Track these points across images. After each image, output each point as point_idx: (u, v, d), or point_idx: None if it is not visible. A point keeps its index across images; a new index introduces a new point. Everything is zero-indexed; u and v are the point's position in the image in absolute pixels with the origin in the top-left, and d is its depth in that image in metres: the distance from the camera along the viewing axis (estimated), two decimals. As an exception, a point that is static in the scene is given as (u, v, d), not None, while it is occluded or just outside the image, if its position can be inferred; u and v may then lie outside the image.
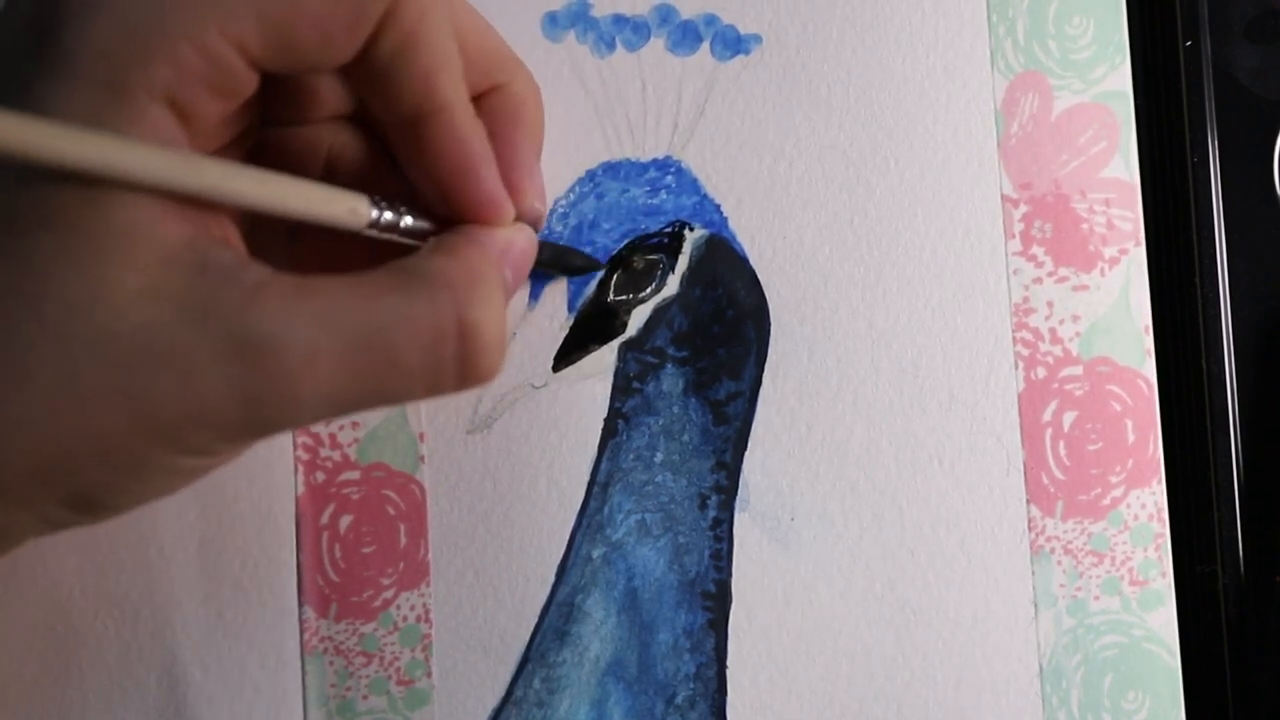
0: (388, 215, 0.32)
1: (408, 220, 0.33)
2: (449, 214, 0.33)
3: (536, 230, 0.35)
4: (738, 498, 0.41)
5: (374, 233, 0.32)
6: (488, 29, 0.35)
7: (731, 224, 0.41)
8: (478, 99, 0.35)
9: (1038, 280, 0.41)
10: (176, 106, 0.29)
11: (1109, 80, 0.41)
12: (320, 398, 0.29)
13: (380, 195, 0.32)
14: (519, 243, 0.34)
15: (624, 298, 0.41)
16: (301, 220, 0.31)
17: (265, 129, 0.34)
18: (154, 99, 0.28)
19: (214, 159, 0.30)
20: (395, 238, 0.33)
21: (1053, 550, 0.41)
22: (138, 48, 0.28)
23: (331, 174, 0.34)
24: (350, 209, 0.31)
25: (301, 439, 0.40)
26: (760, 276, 0.41)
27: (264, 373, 0.28)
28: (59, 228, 0.28)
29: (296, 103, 0.34)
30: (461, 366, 0.31)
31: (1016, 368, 0.41)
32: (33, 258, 0.28)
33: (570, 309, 0.41)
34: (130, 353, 0.28)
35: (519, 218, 0.34)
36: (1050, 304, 0.41)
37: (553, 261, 0.40)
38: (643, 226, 0.41)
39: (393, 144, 0.34)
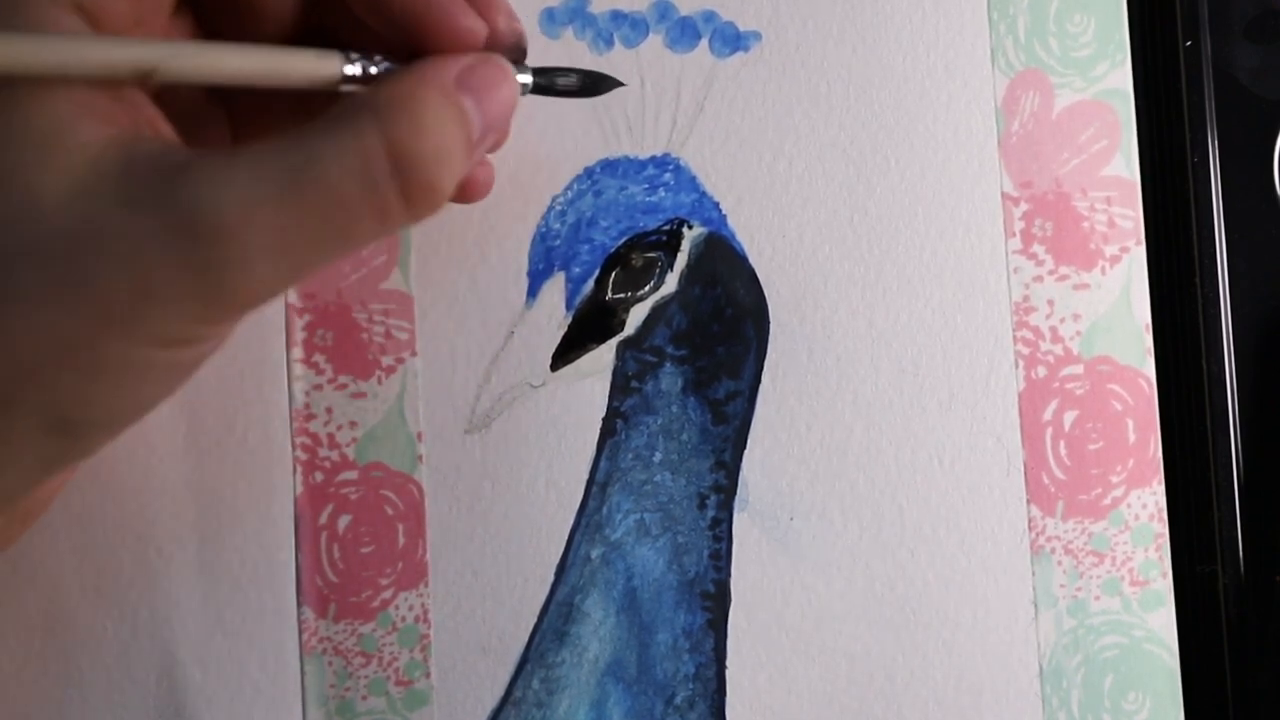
0: (358, 68, 0.32)
1: (384, 67, 0.32)
2: (419, 52, 0.32)
3: (519, 58, 0.34)
4: (737, 497, 0.41)
5: (353, 88, 0.32)
6: None
7: (730, 222, 0.41)
8: None
9: (1038, 279, 0.41)
10: (83, 9, 0.29)
11: (1110, 78, 0.41)
12: (267, 250, 0.29)
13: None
14: (481, 69, 0.32)
15: (622, 296, 0.41)
16: (270, 86, 0.30)
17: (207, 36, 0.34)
18: (58, 3, 0.28)
19: (163, 41, 0.30)
20: None
21: (1053, 550, 0.41)
22: None
23: None
24: (321, 66, 0.31)
25: (300, 439, 0.40)
26: (759, 275, 0.41)
27: (203, 238, 0.28)
28: None
29: (232, 11, 0.34)
30: (401, 188, 0.30)
31: (1017, 367, 0.41)
32: None
33: (568, 307, 0.41)
34: (68, 249, 0.28)
35: (496, 46, 0.33)
36: (1051, 303, 0.41)
37: (551, 85, 0.37)
38: (641, 224, 0.41)
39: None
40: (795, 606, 0.40)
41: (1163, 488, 0.41)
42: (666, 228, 0.41)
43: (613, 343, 0.41)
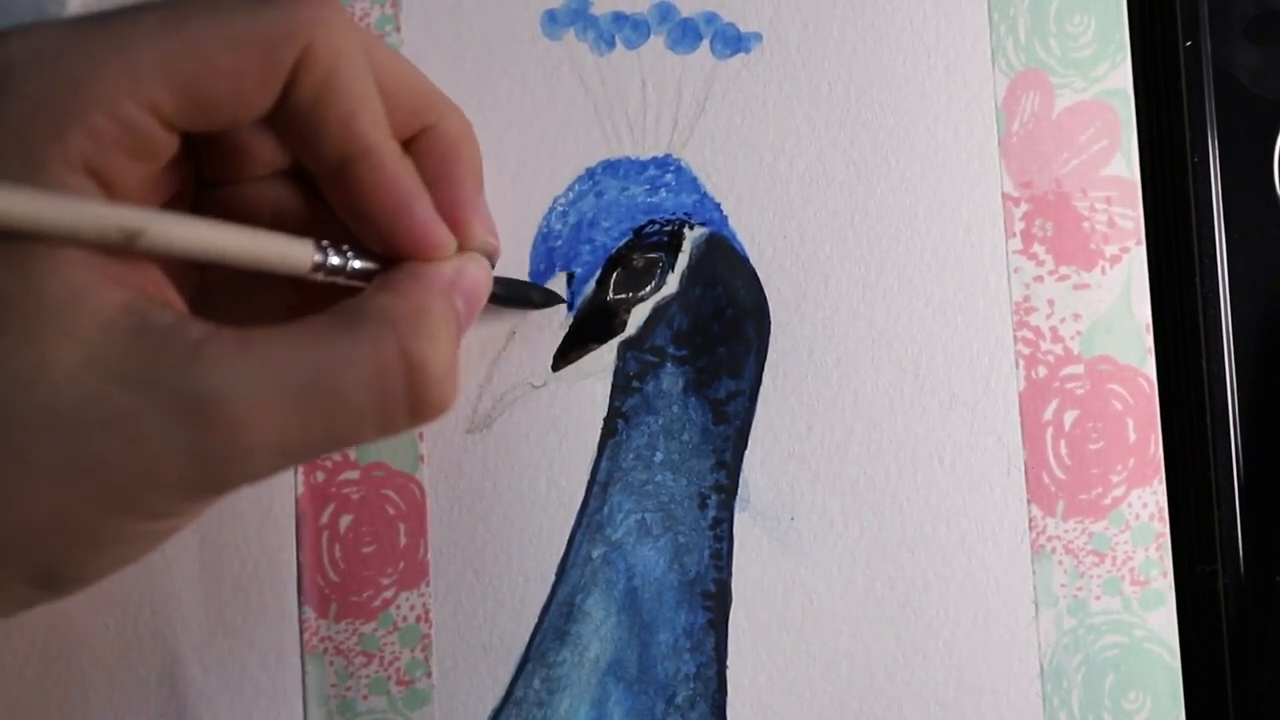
0: (334, 259, 0.32)
1: (355, 264, 0.32)
2: (392, 254, 0.33)
3: (492, 263, 0.35)
4: (738, 497, 0.41)
5: (321, 277, 0.32)
6: (411, 70, 0.35)
7: (731, 222, 0.41)
8: (409, 142, 0.35)
9: (1039, 279, 0.41)
10: (96, 174, 0.29)
11: (1110, 78, 0.41)
12: (270, 448, 0.29)
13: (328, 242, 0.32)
14: (469, 271, 0.33)
15: (623, 296, 0.41)
16: (245, 268, 0.31)
17: (205, 191, 0.34)
18: (72, 169, 0.28)
19: (152, 209, 0.30)
20: (345, 281, 0.33)
21: (1053, 550, 0.41)
22: (49, 122, 0.28)
23: (278, 229, 0.34)
24: (293, 253, 0.31)
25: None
26: (760, 275, 0.41)
27: (211, 430, 0.28)
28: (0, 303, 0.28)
29: (230, 161, 0.34)
30: (411, 402, 0.30)
31: (1017, 366, 0.41)
32: None
33: (570, 308, 0.41)
34: (77, 425, 0.28)
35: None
36: (1051, 302, 0.41)
37: (509, 296, 0.39)
38: (642, 225, 0.41)
39: (327, 193, 0.33)
40: (796, 606, 0.40)
41: (1163, 487, 0.41)
42: (668, 228, 0.41)
43: (614, 343, 0.41)
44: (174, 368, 0.28)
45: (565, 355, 0.41)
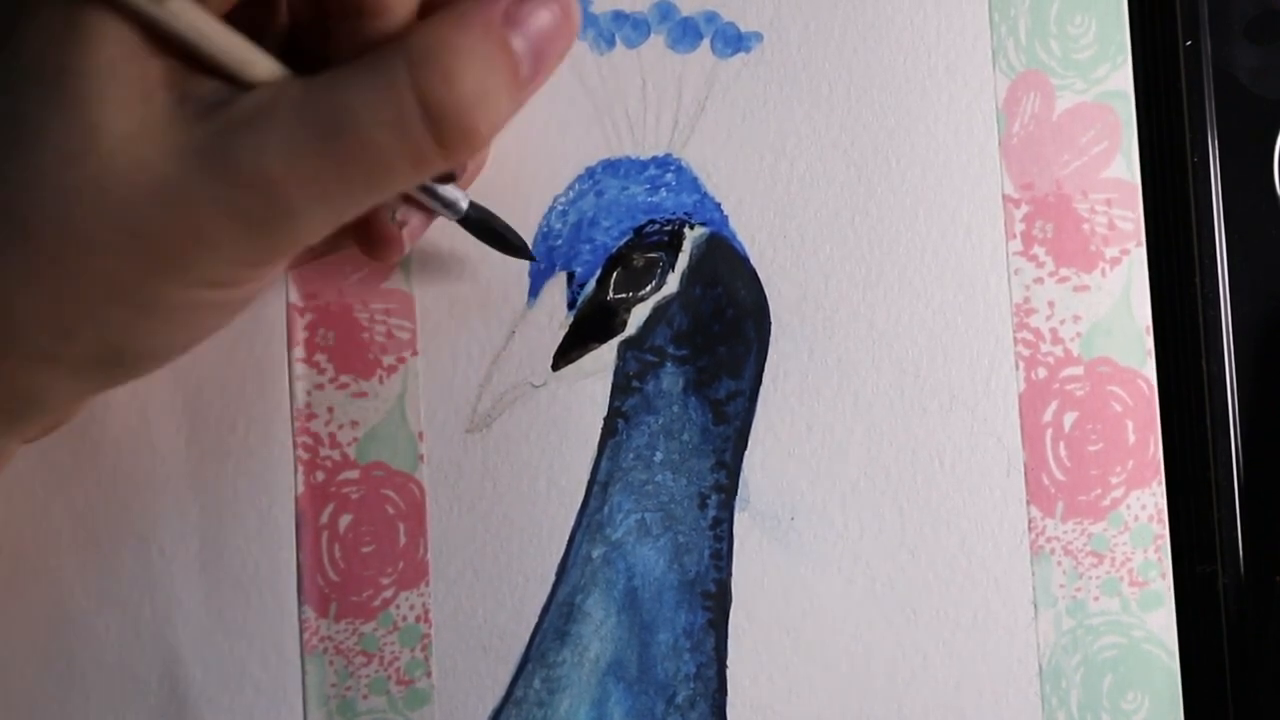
0: None
1: None
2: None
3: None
4: (738, 497, 0.41)
5: None
6: None
7: (732, 222, 0.41)
8: None
9: (1039, 280, 0.41)
10: None
11: (1111, 80, 0.41)
12: (311, 198, 0.30)
13: None
14: (536, 12, 0.32)
15: (624, 296, 0.41)
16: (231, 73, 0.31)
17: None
18: None
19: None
20: None
21: (1053, 551, 0.41)
22: None
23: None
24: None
25: (301, 439, 0.40)
26: (760, 275, 0.41)
27: (249, 187, 0.29)
28: (45, 76, 0.29)
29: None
30: (437, 137, 0.30)
31: (1017, 368, 0.41)
32: (24, 112, 0.29)
33: (570, 307, 0.41)
34: (127, 194, 0.29)
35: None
36: (1051, 304, 0.41)
37: (486, 229, 0.38)
38: (642, 224, 0.41)
39: None
40: (796, 606, 0.40)
41: (1163, 489, 0.41)
42: (668, 228, 0.41)
43: (614, 342, 0.41)
44: (212, 132, 0.29)
45: (565, 355, 0.41)
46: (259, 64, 0.31)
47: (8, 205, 0.29)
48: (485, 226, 0.38)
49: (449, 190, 0.36)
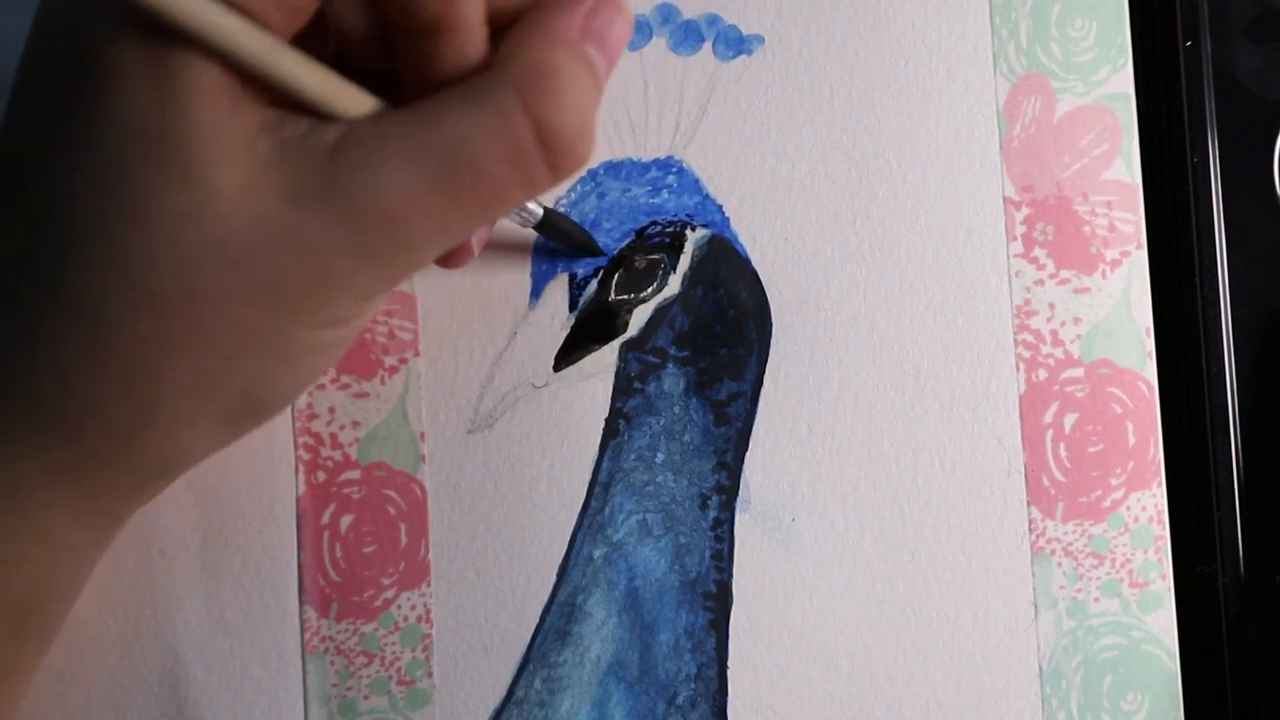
0: None
1: None
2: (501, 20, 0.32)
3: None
4: (739, 498, 0.41)
5: None
6: None
7: (733, 224, 0.41)
8: None
9: (1039, 282, 0.41)
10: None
11: (1111, 83, 0.41)
12: (429, 230, 0.30)
13: None
14: (600, 13, 0.32)
15: (625, 297, 0.41)
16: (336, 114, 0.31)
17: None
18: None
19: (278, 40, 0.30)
20: None
21: (1053, 552, 0.41)
22: None
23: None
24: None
25: (303, 439, 0.40)
26: (762, 277, 0.41)
27: (371, 227, 0.29)
28: (150, 141, 0.29)
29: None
30: (550, 161, 0.30)
31: (1018, 370, 0.41)
32: (137, 181, 0.29)
33: (572, 308, 0.41)
34: (247, 248, 0.29)
35: None
36: (1052, 306, 0.41)
37: (558, 230, 0.39)
38: (644, 226, 0.41)
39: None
40: (797, 607, 0.41)
41: (1163, 490, 0.41)
42: (670, 229, 0.41)
43: (616, 344, 0.41)
44: (323, 175, 0.29)
45: (567, 356, 0.41)
46: (352, 98, 0.31)
47: (132, 274, 0.29)
48: (558, 228, 0.39)
49: (530, 202, 0.37)
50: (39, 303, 0.30)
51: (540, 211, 0.37)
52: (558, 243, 0.40)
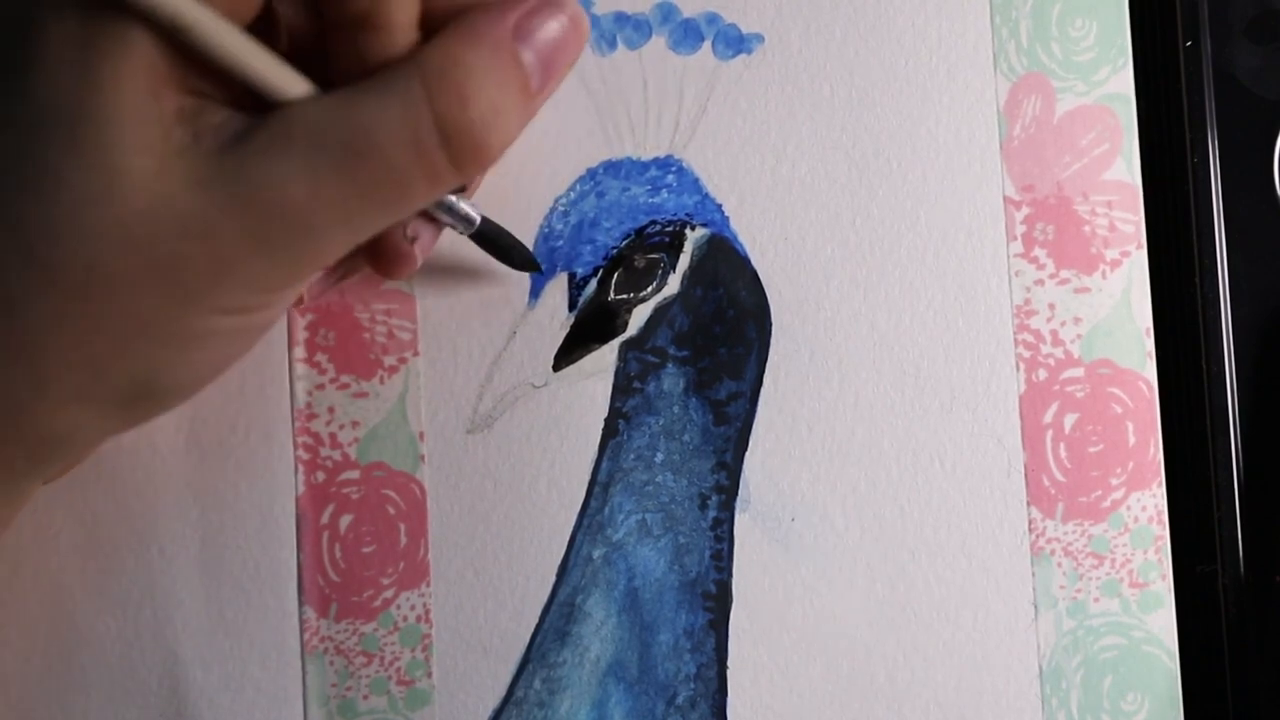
0: None
1: None
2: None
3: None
4: (738, 498, 0.41)
5: None
6: None
7: (733, 223, 0.41)
8: None
9: (1039, 282, 0.41)
10: None
11: (1112, 82, 0.41)
12: (332, 220, 0.30)
13: None
14: (543, 22, 0.32)
15: (625, 297, 0.41)
16: (264, 92, 0.31)
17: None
18: None
19: (204, 8, 0.30)
20: None
21: (1053, 552, 0.41)
22: None
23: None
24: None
25: (302, 439, 0.40)
26: (761, 276, 0.41)
27: (271, 213, 0.30)
28: (63, 120, 0.29)
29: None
30: (451, 155, 0.31)
31: (1018, 369, 0.41)
32: (46, 156, 0.29)
33: (571, 308, 0.41)
34: (151, 229, 0.29)
35: None
36: (1052, 306, 0.41)
37: (494, 242, 0.39)
38: (643, 225, 0.41)
39: None
40: (796, 607, 0.41)
41: (1163, 490, 0.41)
42: (669, 229, 0.41)
43: (615, 343, 0.41)
44: (229, 163, 0.29)
45: (566, 355, 0.41)
46: (291, 81, 0.31)
47: (33, 250, 0.29)
48: (494, 240, 0.38)
49: (463, 206, 0.36)
50: None
51: (477, 220, 0.37)
52: (494, 256, 0.39)
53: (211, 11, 0.29)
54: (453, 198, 0.36)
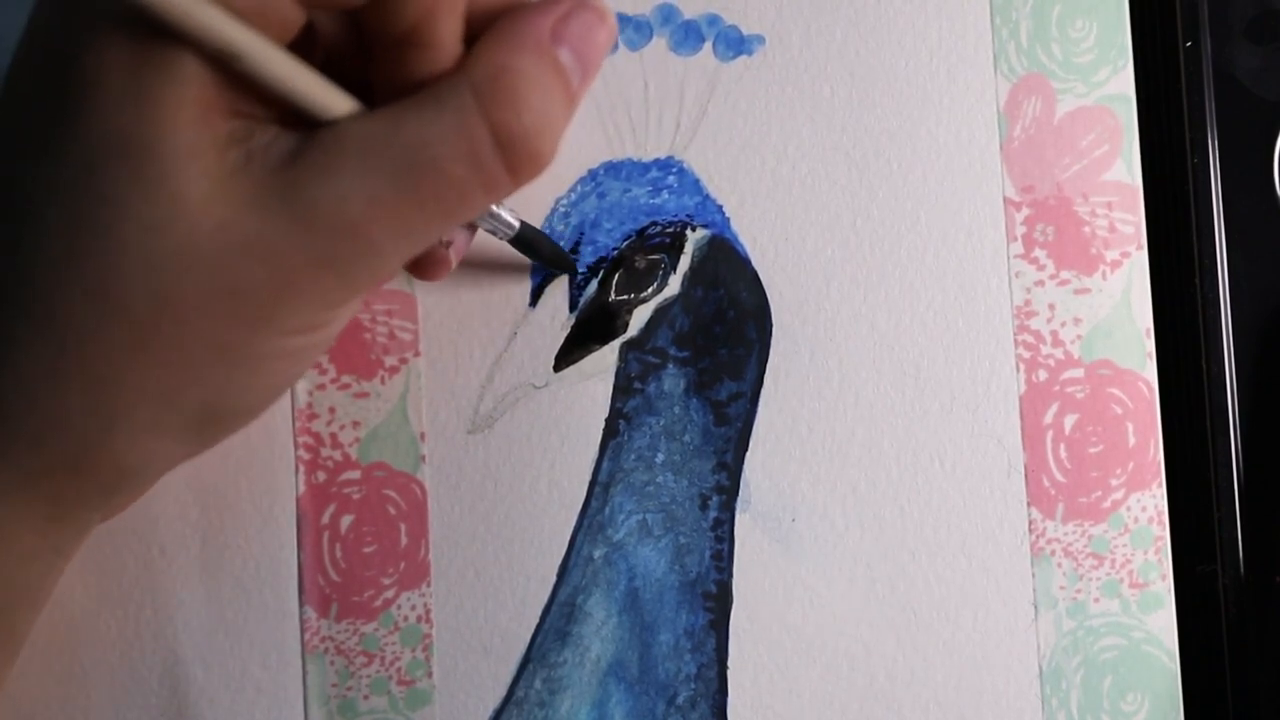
0: None
1: None
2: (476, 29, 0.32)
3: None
4: (739, 498, 0.41)
5: None
6: None
7: (733, 224, 0.41)
8: None
9: (1039, 283, 0.41)
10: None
11: (1112, 83, 0.41)
12: (392, 235, 0.30)
13: None
14: (576, 18, 0.32)
15: (625, 297, 0.41)
16: (316, 116, 0.31)
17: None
18: None
19: (257, 36, 0.30)
20: None
21: (1053, 552, 0.41)
22: None
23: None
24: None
25: (303, 439, 0.40)
26: (762, 277, 0.41)
27: (333, 231, 0.29)
28: (120, 151, 0.29)
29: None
30: (508, 164, 0.31)
31: (1018, 370, 0.41)
32: (105, 188, 0.29)
33: (572, 309, 0.41)
34: (215, 255, 0.29)
35: None
36: (1052, 307, 0.41)
37: (533, 245, 0.39)
38: (644, 226, 0.41)
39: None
40: (797, 607, 0.41)
41: (1163, 491, 0.41)
42: (670, 229, 0.41)
43: (616, 344, 0.41)
44: (284, 182, 0.29)
45: (567, 356, 0.41)
46: (338, 100, 0.31)
47: (99, 283, 0.29)
48: (532, 244, 0.39)
49: (504, 212, 0.37)
50: (2, 310, 0.30)
51: (516, 225, 0.37)
52: (532, 258, 0.40)
53: (259, 37, 0.29)
54: (494, 205, 0.36)
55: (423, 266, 0.37)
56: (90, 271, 0.29)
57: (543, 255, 0.39)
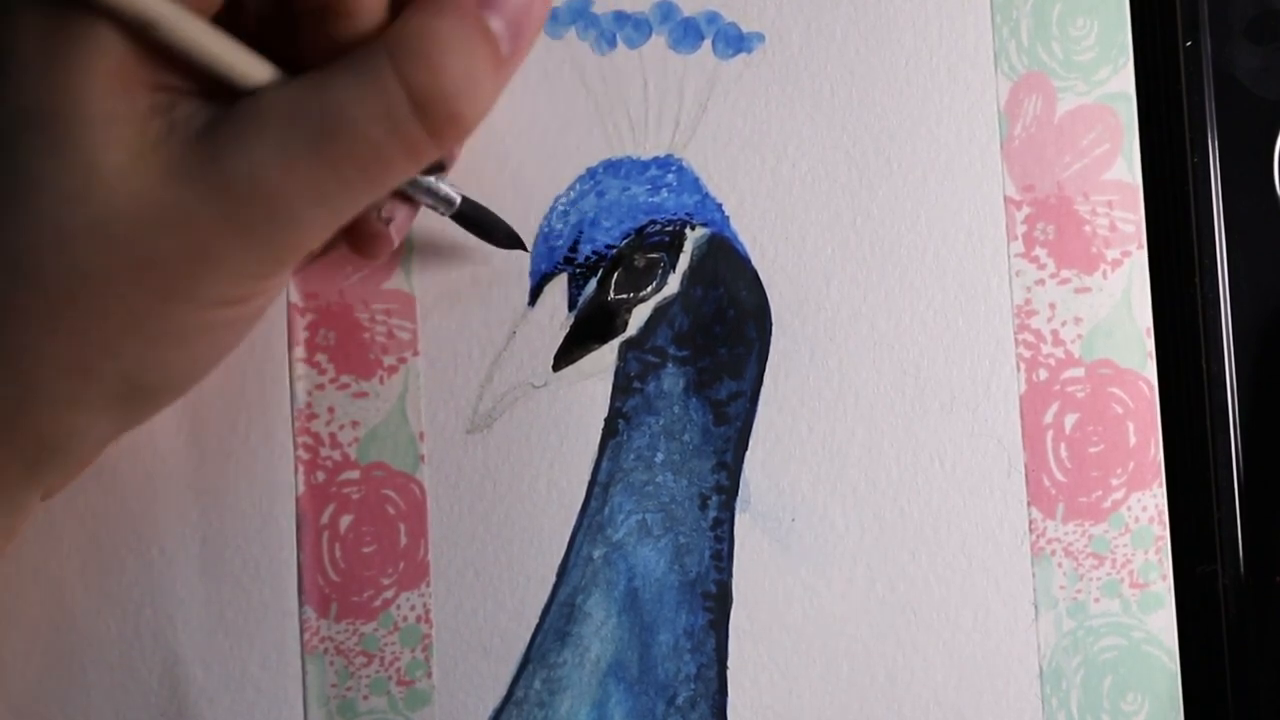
0: None
1: None
2: None
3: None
4: (739, 498, 0.41)
5: None
6: None
7: (733, 223, 0.41)
8: None
9: (1040, 282, 0.41)
10: None
11: (1112, 82, 0.41)
12: (311, 202, 0.30)
13: None
14: None
15: (625, 296, 0.41)
16: (234, 84, 0.31)
17: None
18: None
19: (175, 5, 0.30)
20: None
21: (1053, 552, 0.41)
22: None
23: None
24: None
25: (302, 439, 0.40)
26: (762, 276, 0.41)
27: (248, 199, 0.29)
28: (36, 121, 0.29)
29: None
30: (428, 126, 0.31)
31: (1018, 369, 0.41)
32: (20, 159, 0.29)
33: (571, 308, 0.41)
34: (130, 227, 0.29)
35: None
36: (1052, 306, 0.41)
37: (476, 221, 0.39)
38: (643, 225, 0.41)
39: None
40: (796, 607, 0.41)
41: (1163, 490, 0.41)
42: (669, 228, 0.41)
43: (615, 343, 0.41)
44: (202, 152, 0.29)
45: (566, 355, 0.41)
46: (254, 68, 0.31)
47: (15, 254, 0.29)
48: (476, 220, 0.38)
49: (442, 186, 0.36)
50: None
51: (458, 199, 0.37)
52: (477, 235, 0.39)
53: (176, 6, 0.29)
54: (431, 179, 0.36)
55: (359, 241, 0.37)
56: (3, 242, 0.29)
57: (491, 234, 0.39)
